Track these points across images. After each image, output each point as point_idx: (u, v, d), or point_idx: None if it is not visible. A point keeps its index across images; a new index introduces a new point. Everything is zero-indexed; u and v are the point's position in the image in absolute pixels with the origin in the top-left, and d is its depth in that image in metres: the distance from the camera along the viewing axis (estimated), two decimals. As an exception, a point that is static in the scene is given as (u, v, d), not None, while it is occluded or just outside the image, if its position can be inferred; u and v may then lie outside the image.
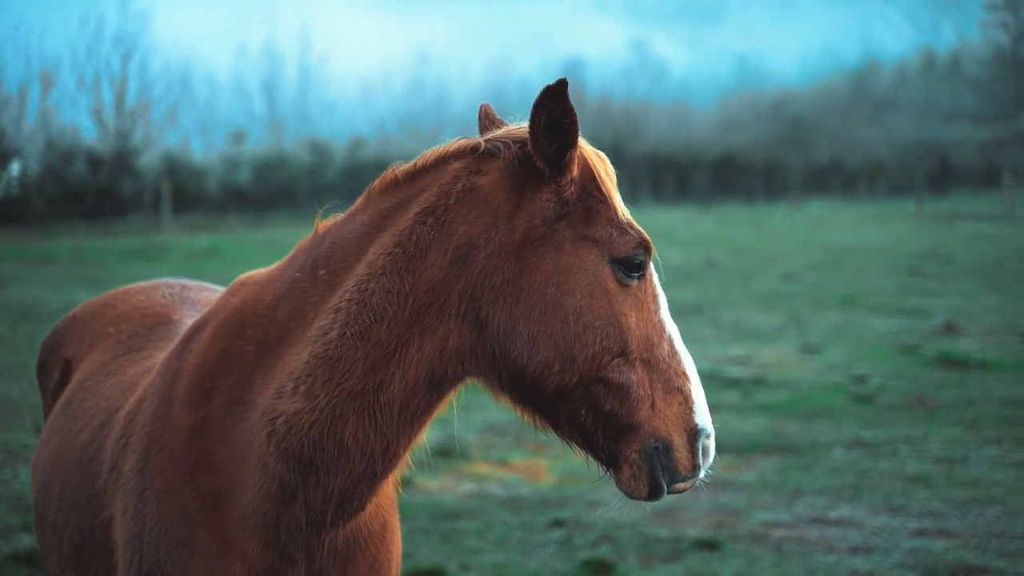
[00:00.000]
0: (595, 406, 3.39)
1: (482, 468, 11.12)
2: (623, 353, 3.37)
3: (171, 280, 5.05)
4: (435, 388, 3.50)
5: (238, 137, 73.29)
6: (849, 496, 10.16)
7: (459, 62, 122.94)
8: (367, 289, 3.44)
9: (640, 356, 3.38)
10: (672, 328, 3.49)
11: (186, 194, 59.19)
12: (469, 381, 3.56)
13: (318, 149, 70.44)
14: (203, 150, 75.72)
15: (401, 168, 3.61)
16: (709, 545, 8.85)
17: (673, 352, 3.45)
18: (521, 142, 3.45)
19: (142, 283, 5.08)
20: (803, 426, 12.84)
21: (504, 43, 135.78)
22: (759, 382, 15.24)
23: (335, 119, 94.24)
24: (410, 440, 3.55)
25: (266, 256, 29.63)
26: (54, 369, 4.94)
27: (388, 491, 3.82)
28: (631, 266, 3.43)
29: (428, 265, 3.42)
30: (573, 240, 3.41)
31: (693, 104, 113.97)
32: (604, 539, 9.04)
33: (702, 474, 3.47)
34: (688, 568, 8.44)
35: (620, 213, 3.47)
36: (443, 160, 3.56)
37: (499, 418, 12.74)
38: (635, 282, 3.44)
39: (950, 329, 20.02)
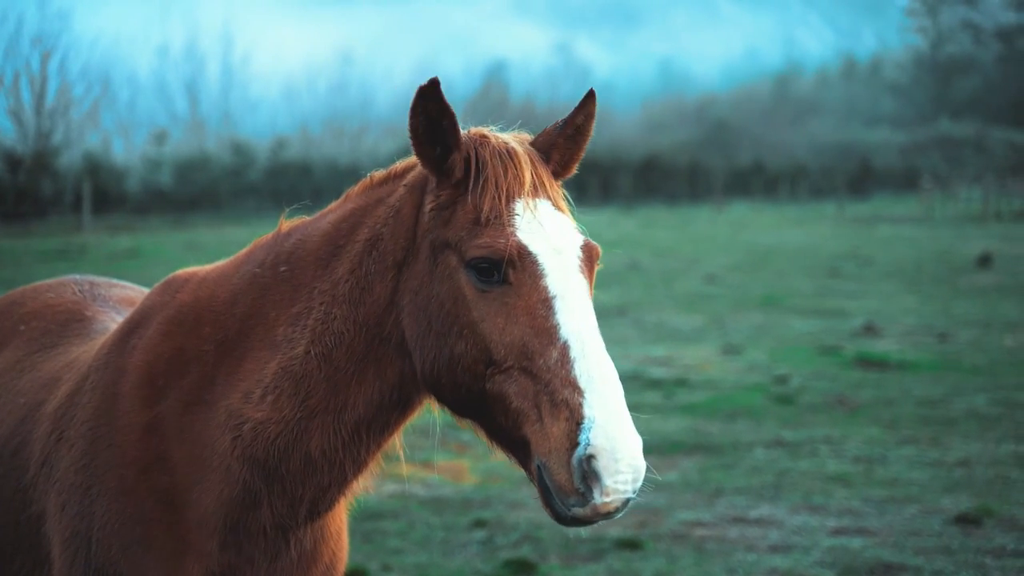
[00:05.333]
0: (488, 418, 3.24)
1: (404, 469, 11.03)
2: (491, 363, 3.13)
3: (79, 277, 4.97)
4: (398, 406, 3.51)
5: (159, 137, 72.44)
6: (769, 495, 10.23)
7: (382, 63, 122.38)
8: (331, 313, 3.41)
9: (517, 365, 3.10)
10: (571, 334, 3.11)
11: (107, 195, 58.48)
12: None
13: (240, 150, 69.91)
14: (124, 150, 74.81)
15: (376, 173, 3.58)
16: (631, 544, 8.86)
17: (564, 361, 3.07)
18: None
19: (49, 280, 4.99)
20: (724, 426, 12.91)
21: (428, 45, 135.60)
22: (681, 383, 15.30)
23: (258, 120, 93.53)
24: (380, 448, 3.60)
25: (187, 257, 29.32)
26: None
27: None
28: (480, 271, 3.16)
29: (375, 298, 3.38)
30: (435, 247, 3.27)
31: (616, 107, 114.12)
32: (526, 539, 9.03)
33: (603, 499, 3.02)
34: (610, 568, 8.45)
35: (485, 213, 3.22)
36: (398, 175, 3.50)
37: (422, 419, 12.65)
38: (497, 288, 3.16)
39: (869, 330, 20.25)
